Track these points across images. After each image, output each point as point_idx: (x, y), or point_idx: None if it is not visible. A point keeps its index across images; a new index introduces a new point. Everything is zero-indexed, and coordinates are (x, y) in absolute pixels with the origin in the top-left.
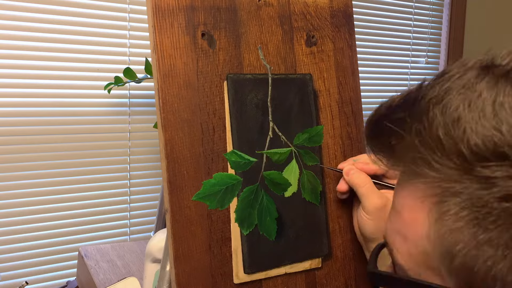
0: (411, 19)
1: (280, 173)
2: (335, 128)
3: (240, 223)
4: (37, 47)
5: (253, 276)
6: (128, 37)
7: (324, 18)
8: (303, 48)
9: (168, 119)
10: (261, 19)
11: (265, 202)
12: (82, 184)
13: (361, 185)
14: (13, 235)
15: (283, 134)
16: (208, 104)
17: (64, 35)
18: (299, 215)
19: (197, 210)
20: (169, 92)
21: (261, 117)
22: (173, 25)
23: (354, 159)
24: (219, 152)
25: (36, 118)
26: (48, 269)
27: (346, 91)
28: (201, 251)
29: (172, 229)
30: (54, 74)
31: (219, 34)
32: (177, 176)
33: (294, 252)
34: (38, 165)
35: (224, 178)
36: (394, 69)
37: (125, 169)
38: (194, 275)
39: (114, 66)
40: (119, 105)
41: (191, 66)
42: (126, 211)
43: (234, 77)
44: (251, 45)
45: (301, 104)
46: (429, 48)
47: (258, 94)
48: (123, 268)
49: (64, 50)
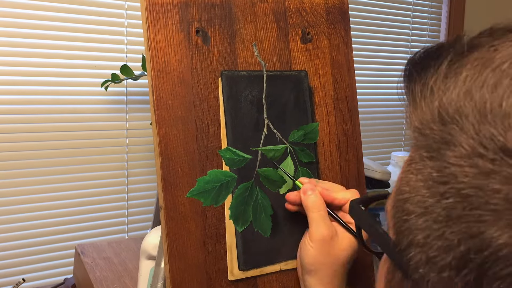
0: (410, 16)
1: (275, 170)
2: (330, 125)
3: (234, 220)
4: (33, 44)
5: (248, 273)
6: (125, 34)
7: (319, 14)
8: (298, 45)
9: (162, 116)
10: (256, 16)
11: (260, 199)
12: (80, 182)
13: (313, 210)
14: (9, 232)
15: (278, 131)
16: (202, 101)
17: (60, 32)
18: (294, 212)
19: (192, 207)
20: (163, 89)
21: (256, 114)
22: (167, 21)
23: (318, 181)
24: (213, 149)
25: (32, 115)
26: (45, 266)
27: (342, 88)
28: (195, 248)
29: (166, 226)
30: (50, 71)
31: (214, 30)
32: (171, 173)
33: (289, 249)
34: (35, 163)
35: (218, 175)
36: (393, 66)
37: (122, 166)
38: (188, 272)
39: (111, 63)
40: (117, 102)
41: (185, 63)
42: (124, 208)
43: (229, 74)
44: (245, 41)
45: (296, 101)
46: (428, 45)
47: (252, 91)
48: (119, 265)
49: (61, 47)
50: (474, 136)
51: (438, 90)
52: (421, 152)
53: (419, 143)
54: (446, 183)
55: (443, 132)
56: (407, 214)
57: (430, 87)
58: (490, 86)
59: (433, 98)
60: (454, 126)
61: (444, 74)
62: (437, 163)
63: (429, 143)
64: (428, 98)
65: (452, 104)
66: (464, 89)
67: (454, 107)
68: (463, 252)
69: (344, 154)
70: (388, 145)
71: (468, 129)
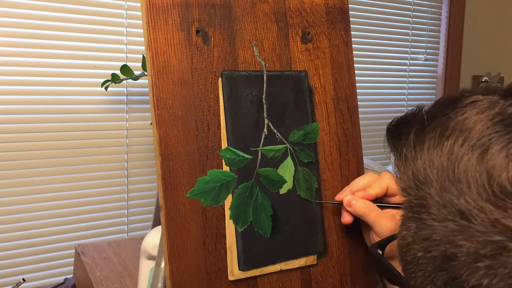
0: (410, 16)
1: (275, 170)
2: (330, 125)
3: (234, 220)
4: (33, 44)
5: (248, 273)
6: (126, 34)
7: (319, 14)
8: (299, 45)
9: (162, 116)
10: (256, 16)
11: (260, 199)
12: (80, 182)
13: (367, 214)
14: (9, 232)
15: (278, 131)
16: (202, 101)
17: (60, 32)
18: (294, 212)
19: (192, 207)
20: (163, 89)
21: (256, 114)
22: (167, 21)
23: (350, 188)
24: (213, 149)
25: (33, 115)
26: (45, 266)
27: (342, 88)
28: (195, 248)
29: (166, 226)
30: (51, 71)
31: (214, 30)
32: (171, 173)
33: (289, 249)
34: (35, 163)
35: (218, 175)
36: (393, 66)
37: (122, 166)
38: (188, 272)
39: (111, 63)
40: (117, 102)
41: (185, 63)
42: (124, 209)
43: (229, 74)
44: (246, 42)
45: (296, 101)
46: (428, 45)
47: (253, 91)
48: (119, 265)
49: (61, 47)
50: (438, 201)
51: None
52: (407, 213)
53: (405, 204)
54: (427, 239)
55: (418, 197)
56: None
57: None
58: (446, 155)
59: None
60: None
61: (413, 144)
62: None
63: (411, 205)
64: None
65: (421, 172)
66: (428, 157)
67: (422, 175)
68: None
69: (344, 154)
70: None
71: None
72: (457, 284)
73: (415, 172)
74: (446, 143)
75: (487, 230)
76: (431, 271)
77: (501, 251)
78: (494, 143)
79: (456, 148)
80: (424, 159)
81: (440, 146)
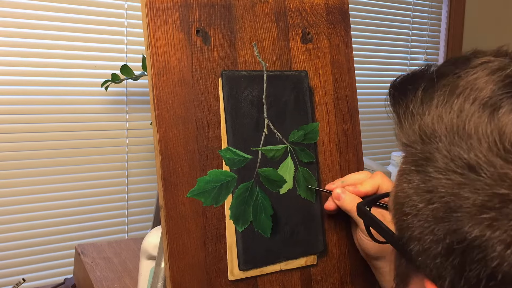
0: (410, 16)
1: (275, 170)
2: (330, 125)
3: (235, 220)
4: (33, 44)
5: (248, 273)
6: (125, 34)
7: (319, 15)
8: (299, 45)
9: (162, 116)
10: (256, 16)
11: (260, 199)
12: (80, 182)
13: (354, 210)
14: (9, 232)
15: (278, 131)
16: (202, 101)
17: (60, 32)
18: (295, 212)
19: (192, 207)
20: (163, 89)
21: (256, 114)
22: (168, 21)
23: (342, 180)
24: (213, 149)
25: (33, 115)
26: (45, 266)
27: (342, 88)
28: (195, 248)
29: (166, 226)
30: (51, 71)
31: (214, 30)
32: (171, 173)
33: (290, 249)
34: (35, 163)
35: (219, 175)
36: (393, 66)
37: (123, 166)
38: (188, 272)
39: (111, 63)
40: (117, 102)
41: (185, 63)
42: (124, 209)
43: (229, 74)
44: (246, 42)
45: (296, 101)
46: (428, 45)
47: (253, 91)
48: (119, 265)
49: (61, 47)
50: (447, 155)
51: (417, 114)
52: (410, 166)
53: (407, 158)
54: (430, 191)
55: (424, 151)
56: (405, 215)
57: (410, 111)
58: (456, 112)
59: (414, 121)
60: (432, 147)
61: (421, 100)
62: (422, 176)
63: (415, 159)
64: (410, 120)
65: (429, 127)
66: (436, 113)
67: (430, 130)
68: (449, 244)
69: (344, 154)
70: (388, 145)
71: (442, 149)
72: (458, 234)
73: (423, 127)
74: (456, 100)
75: (495, 183)
76: (431, 222)
77: (507, 204)
78: (505, 103)
79: (466, 106)
80: (433, 115)
81: (449, 103)
